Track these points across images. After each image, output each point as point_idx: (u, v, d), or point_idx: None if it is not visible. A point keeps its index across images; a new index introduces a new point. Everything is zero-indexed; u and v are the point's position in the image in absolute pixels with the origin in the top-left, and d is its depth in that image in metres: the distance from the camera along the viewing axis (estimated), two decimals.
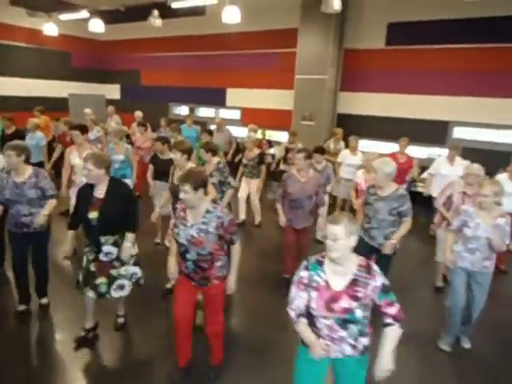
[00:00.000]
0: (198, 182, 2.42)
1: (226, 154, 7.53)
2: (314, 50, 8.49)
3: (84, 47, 12.67)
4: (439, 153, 7.81)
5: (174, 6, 8.13)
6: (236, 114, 10.83)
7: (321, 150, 5.07)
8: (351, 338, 1.98)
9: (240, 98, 10.64)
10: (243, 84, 10.49)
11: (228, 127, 8.39)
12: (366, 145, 8.23)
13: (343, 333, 1.96)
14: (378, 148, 8.55)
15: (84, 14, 9.31)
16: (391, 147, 8.19)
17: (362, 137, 8.34)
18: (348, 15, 8.57)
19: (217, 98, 11.08)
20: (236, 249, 2.69)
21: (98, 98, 12.99)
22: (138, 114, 8.91)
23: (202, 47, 10.98)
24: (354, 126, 8.54)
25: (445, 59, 7.72)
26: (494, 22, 7.06)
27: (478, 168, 3.90)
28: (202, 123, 9.75)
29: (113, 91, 13.59)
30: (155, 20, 8.75)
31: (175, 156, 3.78)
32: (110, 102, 13.26)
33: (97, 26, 8.81)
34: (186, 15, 10.56)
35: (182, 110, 12.15)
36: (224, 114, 11.10)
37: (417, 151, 7.54)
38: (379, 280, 1.95)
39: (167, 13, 9.41)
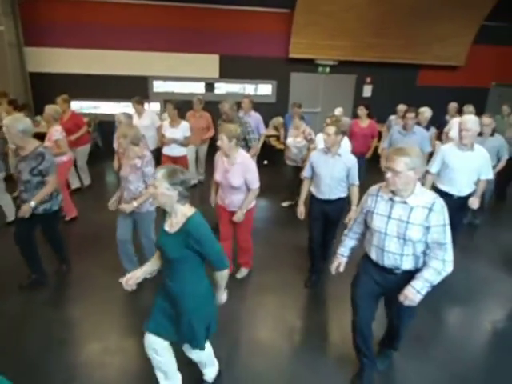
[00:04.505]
0: None
1: None
2: None
3: None
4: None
5: None
6: None
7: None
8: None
9: None
10: None
11: None
12: (75, 106, 7.67)
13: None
14: (87, 108, 8.20)
15: None
16: (99, 106, 8.12)
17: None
18: None
19: None
20: None
21: None
22: None
23: None
24: (53, 87, 7.77)
25: (142, 15, 7.93)
26: None
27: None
28: None
29: None
30: None
31: None
32: None
33: None
34: None
35: None
36: None
37: (122, 108, 7.60)
38: None
39: None
